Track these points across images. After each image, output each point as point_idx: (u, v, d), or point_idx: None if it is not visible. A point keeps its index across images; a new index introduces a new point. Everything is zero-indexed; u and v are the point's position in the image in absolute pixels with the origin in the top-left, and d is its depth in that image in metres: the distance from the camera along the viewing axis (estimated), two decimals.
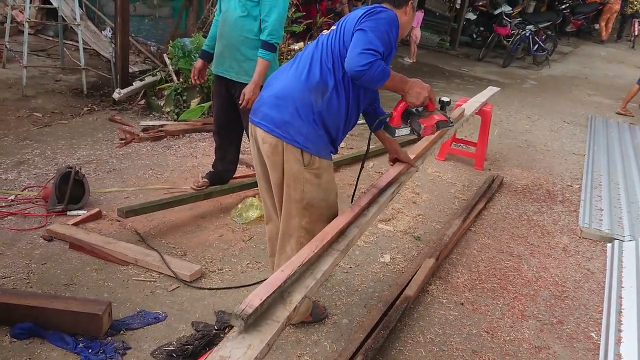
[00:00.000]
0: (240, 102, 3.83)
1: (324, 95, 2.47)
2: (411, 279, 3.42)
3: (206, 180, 4.35)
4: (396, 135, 2.66)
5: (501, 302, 3.48)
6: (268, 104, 2.54)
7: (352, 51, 2.35)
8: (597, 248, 4.34)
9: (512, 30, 12.11)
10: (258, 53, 3.76)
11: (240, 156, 4.50)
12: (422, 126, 2.62)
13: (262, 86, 3.60)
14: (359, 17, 2.45)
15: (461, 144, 6.01)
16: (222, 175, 4.39)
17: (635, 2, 16.61)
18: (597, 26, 17.43)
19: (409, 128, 2.66)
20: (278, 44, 3.82)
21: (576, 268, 4.01)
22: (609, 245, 4.34)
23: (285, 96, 2.49)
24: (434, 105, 2.67)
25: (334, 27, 2.60)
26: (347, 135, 3.45)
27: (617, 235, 4.43)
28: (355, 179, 2.92)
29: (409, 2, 2.62)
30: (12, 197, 3.96)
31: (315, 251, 2.28)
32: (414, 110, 2.64)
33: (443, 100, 3.02)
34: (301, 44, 7.18)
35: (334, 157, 2.79)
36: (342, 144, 4.06)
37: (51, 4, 7.78)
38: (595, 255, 4.22)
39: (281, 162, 2.52)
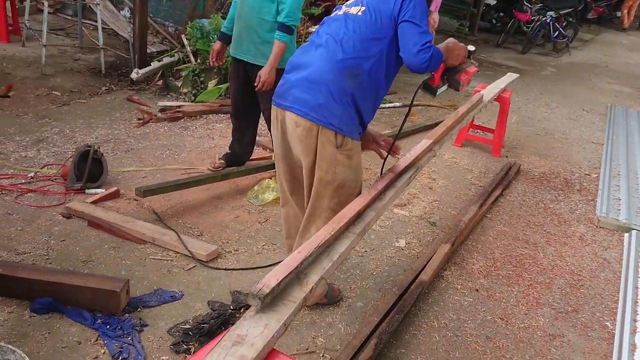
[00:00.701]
0: (256, 84, 3.83)
1: (357, 77, 2.49)
2: (426, 264, 3.42)
3: (223, 161, 4.37)
4: (438, 93, 2.81)
5: (516, 290, 3.47)
6: (299, 87, 2.53)
7: (409, 49, 2.46)
8: (614, 237, 4.30)
9: (532, 16, 11.93)
10: (275, 35, 3.75)
11: (257, 138, 4.51)
12: (461, 83, 2.77)
13: (279, 69, 3.63)
14: (397, 2, 2.48)
15: (478, 131, 5.97)
16: (239, 157, 4.41)
17: None
18: (619, 13, 17.12)
19: (446, 85, 2.81)
20: (295, 26, 3.80)
21: (592, 257, 3.98)
22: (625, 235, 4.30)
23: (318, 79, 2.49)
24: (464, 57, 2.80)
25: (360, 9, 2.58)
26: None
27: (634, 225, 4.39)
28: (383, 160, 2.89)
29: None
30: (32, 174, 4.00)
31: (332, 233, 2.28)
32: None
33: (470, 50, 3.03)
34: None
35: None
36: None
37: None
38: (612, 245, 4.19)
39: (314, 145, 2.53)
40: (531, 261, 3.81)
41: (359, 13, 2.57)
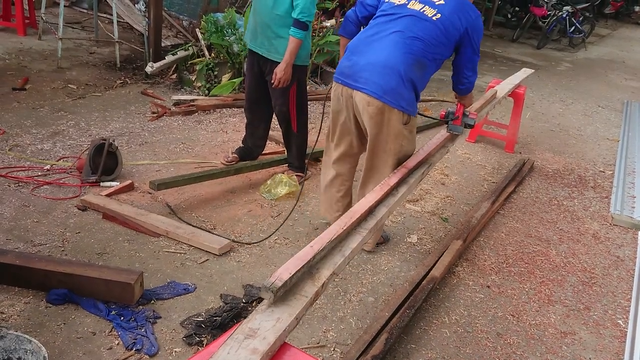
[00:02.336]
0: (272, 80, 3.84)
1: (423, 69, 3.02)
2: (438, 260, 3.42)
3: (236, 155, 4.39)
4: (460, 132, 3.39)
5: (528, 286, 3.47)
6: (370, 70, 2.96)
7: (465, 72, 3.22)
8: (628, 235, 4.28)
9: (548, 11, 11.82)
10: (290, 31, 3.75)
11: (270, 133, 4.52)
12: (474, 120, 3.36)
13: (295, 65, 3.68)
14: (469, 26, 3.05)
15: (492, 126, 5.95)
16: (252, 150, 4.43)
17: None
18: (637, 8, 16.92)
19: (463, 124, 3.37)
20: (310, 22, 3.80)
21: (605, 255, 3.96)
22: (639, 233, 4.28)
23: (392, 66, 2.93)
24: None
25: (436, 15, 3.01)
26: None
27: None
28: None
29: None
30: (48, 166, 4.05)
31: (345, 228, 2.30)
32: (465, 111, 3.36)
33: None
34: (333, 21, 7.13)
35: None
36: None
37: None
38: (625, 243, 4.17)
39: (382, 121, 3.01)
40: (543, 258, 3.80)
41: (434, 18, 3.00)
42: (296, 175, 4.27)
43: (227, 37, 5.96)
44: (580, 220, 4.41)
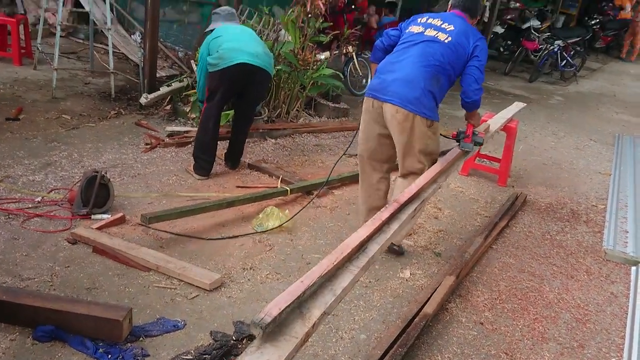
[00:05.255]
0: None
1: (439, 83, 3.59)
2: (430, 296, 3.40)
3: (230, 164, 5.06)
4: (471, 149, 3.87)
5: (521, 323, 3.44)
6: (396, 85, 3.55)
7: (470, 85, 3.64)
8: (622, 271, 4.27)
9: (540, 45, 12.01)
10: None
11: (263, 165, 4.54)
12: (483, 139, 3.90)
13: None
14: (475, 48, 3.60)
15: (485, 160, 5.97)
16: (233, 148, 5.07)
17: None
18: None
19: (473, 142, 3.84)
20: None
21: (599, 291, 3.95)
22: (633, 268, 4.26)
23: (414, 80, 3.52)
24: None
25: (447, 38, 3.60)
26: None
27: None
28: None
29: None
30: (39, 198, 4.02)
31: (335, 263, 2.28)
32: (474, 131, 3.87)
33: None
34: (327, 53, 7.21)
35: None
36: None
37: (83, 7, 7.93)
38: (619, 279, 4.15)
39: (410, 126, 3.57)
40: (537, 294, 3.78)
41: (446, 41, 3.58)
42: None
43: None
44: (573, 256, 4.40)
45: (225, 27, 4.77)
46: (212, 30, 4.81)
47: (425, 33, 3.68)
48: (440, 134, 4.07)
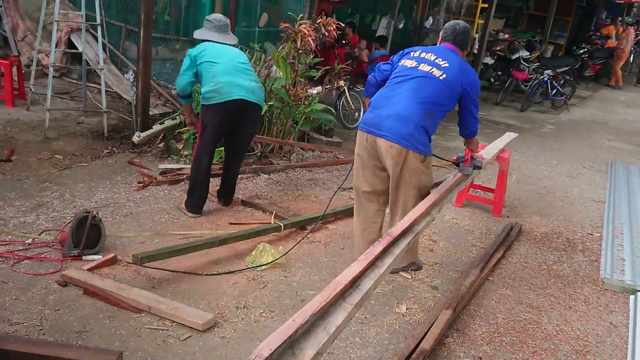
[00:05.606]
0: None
1: (432, 118, 3.69)
2: (427, 331, 3.35)
3: (222, 201, 5.03)
4: (470, 173, 4.04)
5: (520, 357, 3.38)
6: (390, 121, 3.62)
7: (467, 120, 3.86)
8: (620, 300, 4.23)
9: (530, 75, 12.12)
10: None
11: (257, 201, 4.52)
12: (482, 163, 4.10)
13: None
14: (468, 84, 3.73)
15: (479, 190, 5.97)
16: (226, 185, 5.04)
17: None
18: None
19: (472, 166, 4.03)
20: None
21: (598, 321, 3.90)
22: (631, 297, 4.22)
23: (407, 116, 3.60)
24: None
25: (442, 75, 3.67)
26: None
27: (639, 287, 4.31)
28: None
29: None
30: (30, 240, 3.98)
31: (327, 300, 2.24)
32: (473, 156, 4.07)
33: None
34: (319, 88, 7.26)
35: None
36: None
37: (76, 48, 8.00)
38: (617, 308, 4.11)
39: (403, 161, 3.65)
40: (535, 326, 3.73)
41: (441, 77, 3.65)
42: None
43: None
44: (571, 285, 4.36)
45: (215, 47, 4.67)
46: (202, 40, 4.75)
47: (419, 68, 3.74)
48: (440, 158, 4.34)
